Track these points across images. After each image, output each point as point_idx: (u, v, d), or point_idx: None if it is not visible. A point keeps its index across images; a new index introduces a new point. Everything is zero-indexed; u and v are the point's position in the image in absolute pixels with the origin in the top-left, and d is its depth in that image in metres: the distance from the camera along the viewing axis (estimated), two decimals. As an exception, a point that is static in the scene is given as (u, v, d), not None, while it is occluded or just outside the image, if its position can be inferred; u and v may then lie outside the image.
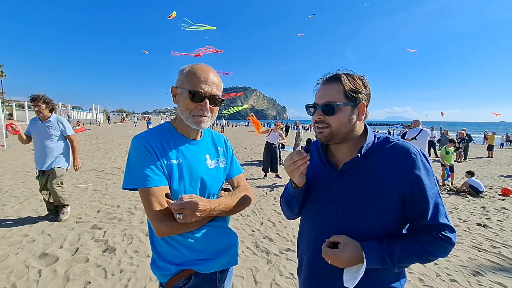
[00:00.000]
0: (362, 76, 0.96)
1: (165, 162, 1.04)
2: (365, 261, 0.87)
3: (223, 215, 1.13)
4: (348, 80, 0.93)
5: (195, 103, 1.04)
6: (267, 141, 7.96)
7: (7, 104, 34.35)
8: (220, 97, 1.11)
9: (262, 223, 4.13)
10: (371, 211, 0.92)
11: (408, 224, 0.98)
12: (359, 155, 0.94)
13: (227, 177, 1.30)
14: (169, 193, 0.98)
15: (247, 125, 57.72)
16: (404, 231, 1.00)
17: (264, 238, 3.59)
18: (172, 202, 0.94)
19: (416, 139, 6.15)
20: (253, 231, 3.83)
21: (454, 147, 8.26)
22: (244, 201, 1.21)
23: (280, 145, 10.17)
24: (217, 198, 1.20)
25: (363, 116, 0.96)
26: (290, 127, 19.16)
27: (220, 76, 1.16)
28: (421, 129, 6.31)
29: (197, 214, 0.97)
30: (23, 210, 4.17)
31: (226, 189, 1.34)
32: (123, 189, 1.03)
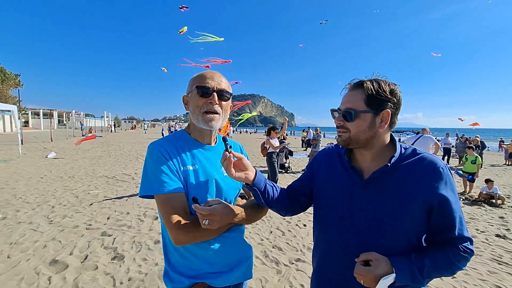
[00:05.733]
0: (393, 84, 0.94)
1: (181, 168, 1.03)
2: (394, 274, 0.85)
3: (243, 223, 1.12)
4: (372, 87, 0.91)
5: (203, 98, 1.05)
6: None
7: (23, 112, 35.56)
8: (229, 92, 1.12)
9: (271, 232, 4.06)
10: (398, 221, 0.92)
11: (426, 236, 0.98)
12: (388, 164, 0.93)
13: (243, 185, 1.29)
14: (196, 197, 0.95)
15: (255, 132, 57.96)
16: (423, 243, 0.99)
17: (273, 248, 3.52)
18: (200, 207, 0.92)
19: (412, 145, 6.19)
20: (262, 240, 3.77)
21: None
22: (263, 209, 1.21)
23: (288, 152, 10.05)
24: (234, 205, 1.19)
25: (387, 125, 0.94)
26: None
27: (231, 85, 1.17)
28: (420, 135, 6.41)
29: (224, 220, 0.96)
30: (35, 216, 4.24)
31: (242, 196, 1.32)
32: (140, 197, 1.02)
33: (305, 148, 19.74)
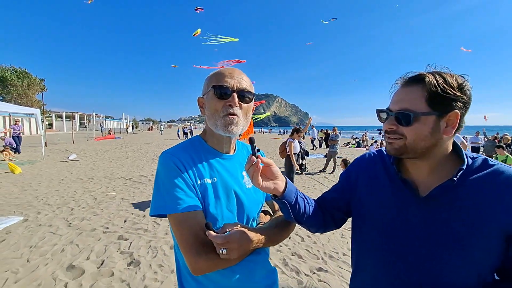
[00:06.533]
0: (461, 77, 0.75)
1: (198, 181, 0.89)
2: None
3: (268, 245, 0.97)
4: (436, 82, 0.72)
5: (222, 100, 0.90)
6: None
7: (48, 115, 37.28)
8: (251, 91, 0.96)
9: (290, 238, 3.87)
10: (466, 251, 0.72)
11: (502, 268, 0.77)
12: (455, 179, 0.74)
13: (266, 198, 1.14)
14: (210, 223, 0.81)
15: (269, 132, 57.68)
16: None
17: (292, 255, 3.34)
18: (214, 234, 0.78)
19: None
20: (281, 246, 3.59)
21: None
22: (290, 226, 1.05)
23: (304, 152, 9.77)
24: (256, 222, 1.06)
25: (454, 130, 0.75)
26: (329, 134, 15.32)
27: None
28: None
29: (244, 247, 0.81)
30: (55, 218, 4.29)
31: (265, 211, 1.18)
32: (151, 216, 0.89)
33: (318, 147, 19.26)
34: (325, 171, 9.59)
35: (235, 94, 0.90)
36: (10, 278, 2.63)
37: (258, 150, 0.83)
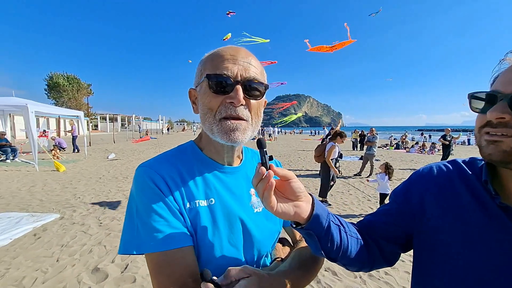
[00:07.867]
0: None
1: (188, 205, 0.65)
2: None
3: None
4: None
5: (219, 95, 0.63)
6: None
7: (93, 117, 40.65)
8: (263, 82, 0.68)
9: (322, 249, 3.53)
10: None
11: None
12: None
13: (285, 223, 0.87)
14: (207, 271, 0.54)
15: (300, 133, 56.54)
16: None
17: (326, 271, 3.00)
18: None
19: None
20: (312, 259, 3.27)
21: None
22: (318, 263, 0.78)
23: (338, 154, 9.17)
24: (271, 258, 0.79)
25: None
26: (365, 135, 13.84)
27: (276, 87, 0.73)
28: None
29: None
30: (88, 217, 4.40)
31: (281, 240, 0.91)
32: (119, 254, 0.66)
33: (353, 149, 18.26)
34: (360, 175, 8.94)
35: (239, 87, 0.63)
36: (39, 278, 2.65)
37: (271, 158, 0.56)
